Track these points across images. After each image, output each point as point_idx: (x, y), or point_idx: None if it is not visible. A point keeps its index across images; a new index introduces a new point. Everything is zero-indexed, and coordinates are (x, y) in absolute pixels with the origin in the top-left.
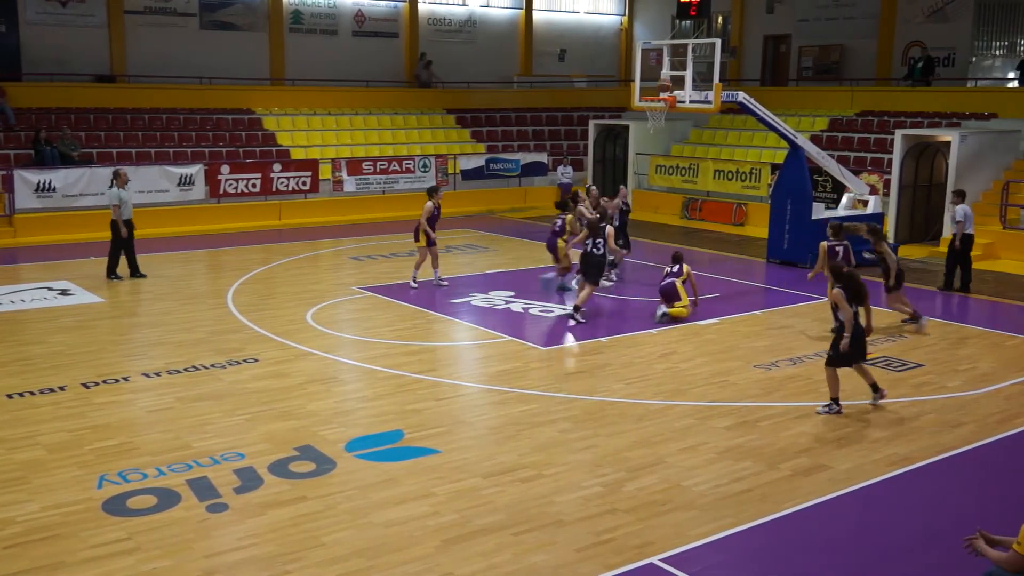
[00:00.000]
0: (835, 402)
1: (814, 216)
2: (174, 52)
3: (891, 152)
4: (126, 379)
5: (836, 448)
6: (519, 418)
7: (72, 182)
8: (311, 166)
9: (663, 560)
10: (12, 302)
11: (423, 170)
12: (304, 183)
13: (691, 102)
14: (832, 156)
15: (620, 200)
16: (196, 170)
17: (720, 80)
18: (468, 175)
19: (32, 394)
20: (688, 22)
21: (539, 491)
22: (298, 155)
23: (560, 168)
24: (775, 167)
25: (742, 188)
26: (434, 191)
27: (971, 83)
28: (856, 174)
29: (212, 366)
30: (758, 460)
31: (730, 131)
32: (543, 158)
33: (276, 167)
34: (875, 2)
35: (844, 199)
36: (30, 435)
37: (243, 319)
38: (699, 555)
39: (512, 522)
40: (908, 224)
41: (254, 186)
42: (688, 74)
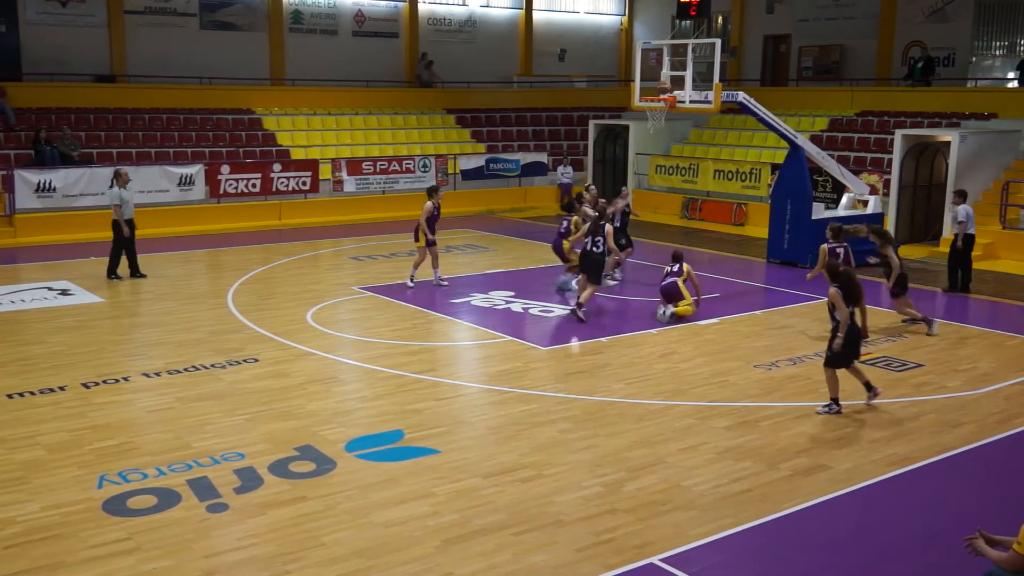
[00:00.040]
0: (835, 402)
1: (814, 216)
2: (174, 52)
3: (891, 152)
4: (126, 379)
5: (836, 448)
6: (519, 418)
7: (72, 182)
8: (311, 166)
9: (663, 560)
10: (12, 302)
11: (423, 170)
12: (304, 183)
13: (691, 102)
14: (832, 156)
15: (624, 203)
16: (196, 170)
17: (720, 80)
18: (468, 175)
19: (32, 394)
20: (688, 22)
21: (539, 491)
22: (298, 155)
23: (560, 168)
24: (775, 167)
25: (742, 188)
26: (434, 191)
27: (971, 83)
28: (856, 174)
29: (212, 366)
30: (758, 460)
31: (730, 131)
32: (543, 158)
33: (276, 167)
34: (875, 2)
35: (844, 199)
36: (30, 435)
37: (243, 319)
38: (699, 555)
39: (512, 522)
40: (908, 224)
41: (254, 186)
42: (688, 74)
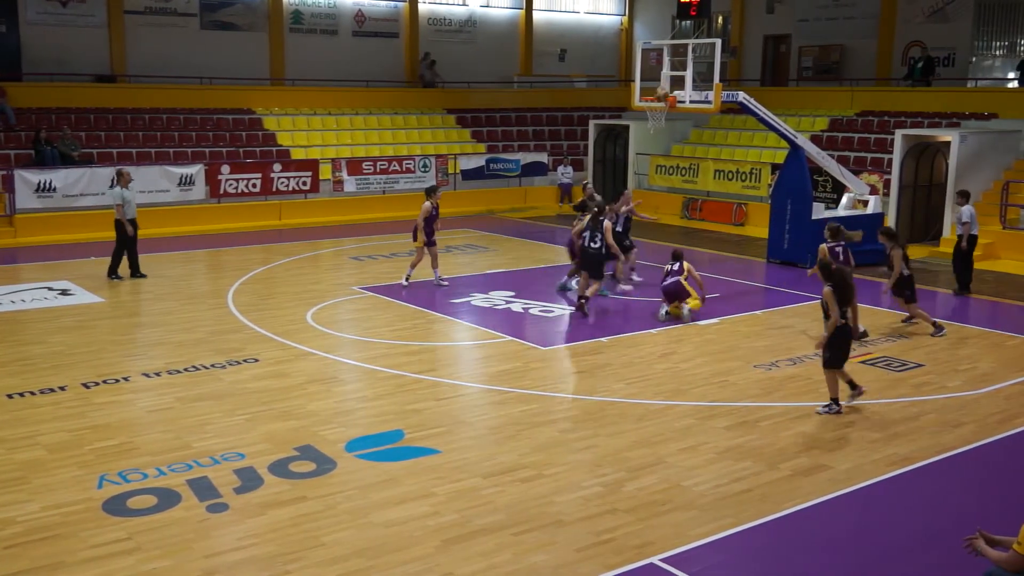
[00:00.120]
0: (835, 402)
1: (814, 216)
2: (174, 52)
3: (891, 152)
4: (126, 379)
5: (836, 448)
6: (519, 418)
7: (72, 182)
8: (311, 166)
9: (663, 560)
10: (12, 302)
11: (423, 170)
12: (304, 183)
13: (691, 102)
14: (832, 156)
15: (627, 208)
16: (196, 170)
17: (720, 80)
18: (468, 175)
19: (32, 394)
20: (688, 22)
21: (539, 491)
22: (298, 155)
23: (560, 168)
24: (775, 167)
25: (742, 188)
26: (432, 191)
27: (971, 83)
28: (856, 174)
29: (212, 366)
30: (758, 460)
31: (730, 131)
32: (543, 158)
33: (276, 167)
34: (875, 2)
35: (844, 199)
36: (30, 435)
37: (243, 319)
38: (699, 555)
39: (512, 522)
40: (908, 224)
41: (254, 186)
42: (688, 74)
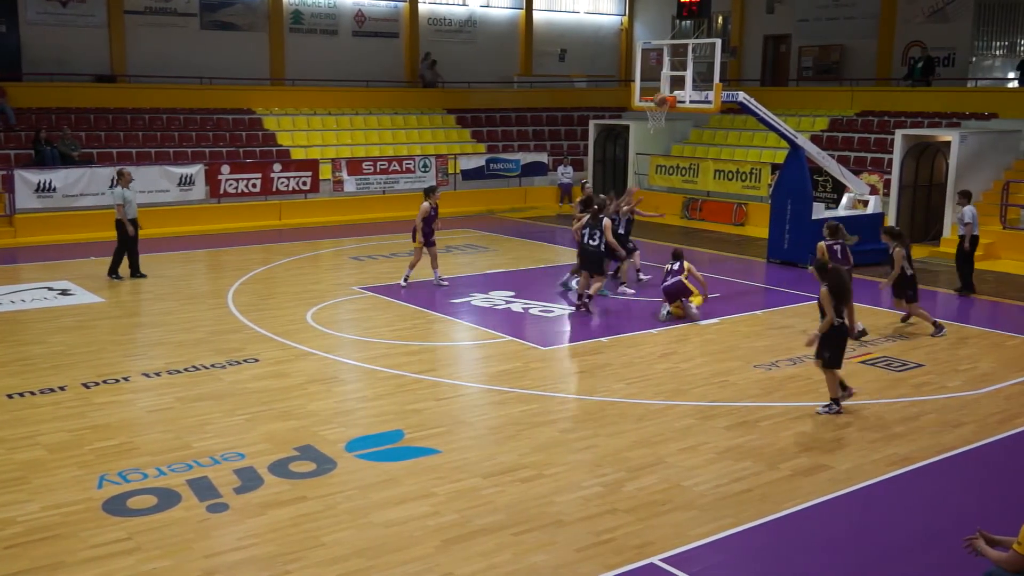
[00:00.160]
0: (835, 402)
1: (814, 216)
2: (174, 52)
3: (891, 152)
4: (126, 379)
5: (836, 448)
6: (519, 418)
7: (72, 182)
8: (311, 166)
9: (663, 560)
10: (12, 302)
11: (423, 170)
12: (304, 183)
13: (691, 102)
14: (832, 156)
15: (629, 207)
16: (196, 170)
17: (720, 80)
18: (468, 175)
19: (32, 394)
20: (688, 22)
21: (539, 491)
22: (298, 155)
23: (560, 168)
24: (775, 167)
25: (742, 188)
26: (431, 192)
27: (971, 83)
28: (856, 174)
29: (212, 366)
30: (758, 460)
31: (730, 131)
32: (543, 158)
33: (276, 167)
34: (875, 2)
35: (844, 199)
36: (30, 435)
37: (243, 319)
38: (699, 555)
39: (512, 522)
40: (908, 224)
41: (254, 186)
42: (688, 74)
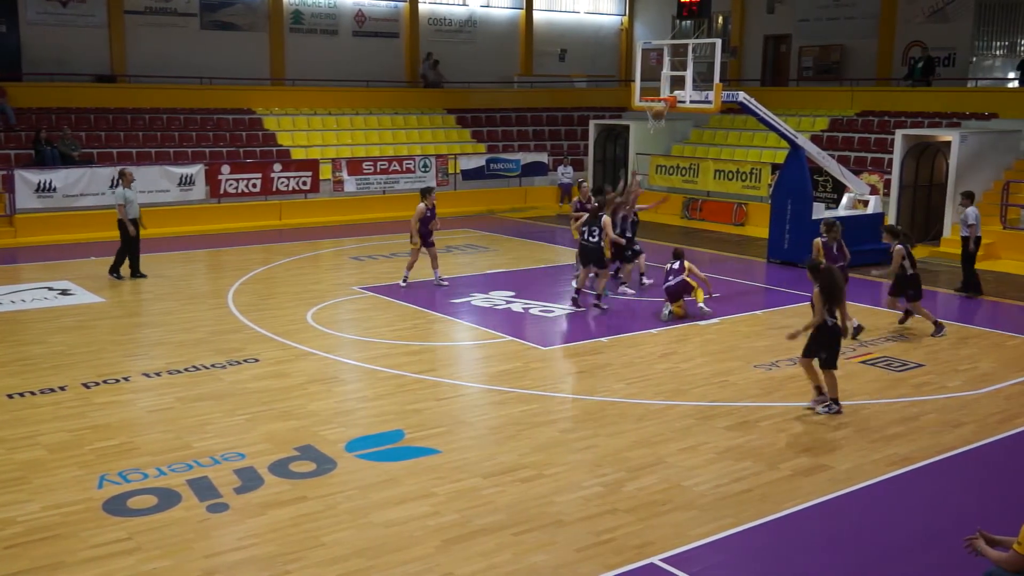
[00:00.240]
0: (835, 402)
1: (814, 216)
2: (174, 52)
3: (891, 152)
4: (126, 379)
5: (836, 448)
6: (519, 418)
7: (72, 182)
8: (311, 166)
9: (663, 560)
10: (12, 302)
11: (423, 170)
12: (304, 183)
13: (691, 102)
14: (832, 156)
15: (630, 207)
16: (196, 170)
17: (720, 80)
18: (468, 175)
19: (32, 394)
20: (688, 22)
21: (539, 491)
22: (298, 155)
23: (560, 168)
24: (775, 167)
25: (742, 188)
26: (427, 192)
27: (971, 83)
28: (856, 174)
29: (212, 366)
30: (758, 460)
31: (730, 131)
32: (543, 158)
33: (276, 167)
34: (875, 2)
35: (844, 199)
36: (30, 435)
37: (243, 319)
38: (699, 555)
39: (512, 522)
40: (908, 224)
41: (254, 186)
42: (688, 74)
